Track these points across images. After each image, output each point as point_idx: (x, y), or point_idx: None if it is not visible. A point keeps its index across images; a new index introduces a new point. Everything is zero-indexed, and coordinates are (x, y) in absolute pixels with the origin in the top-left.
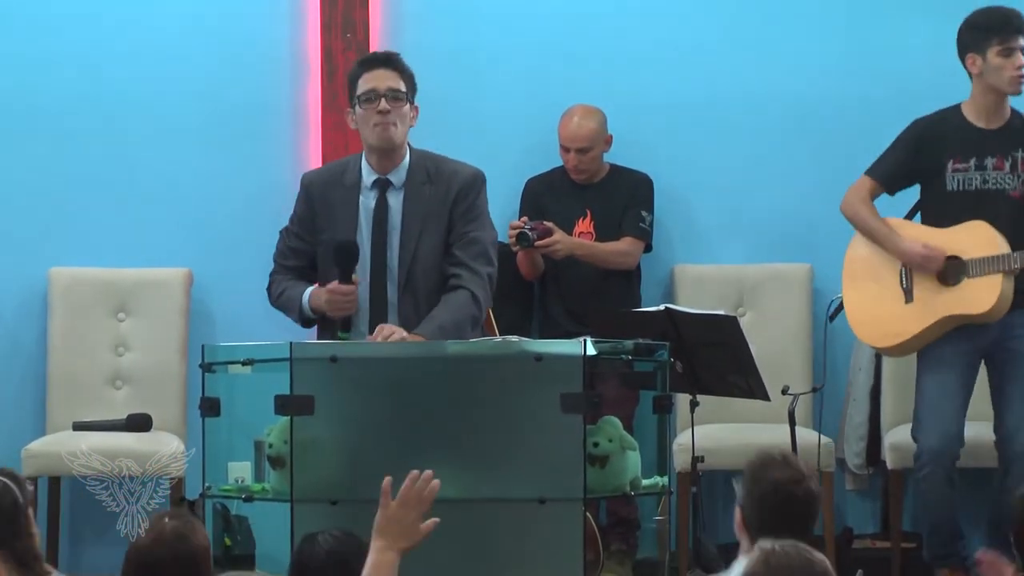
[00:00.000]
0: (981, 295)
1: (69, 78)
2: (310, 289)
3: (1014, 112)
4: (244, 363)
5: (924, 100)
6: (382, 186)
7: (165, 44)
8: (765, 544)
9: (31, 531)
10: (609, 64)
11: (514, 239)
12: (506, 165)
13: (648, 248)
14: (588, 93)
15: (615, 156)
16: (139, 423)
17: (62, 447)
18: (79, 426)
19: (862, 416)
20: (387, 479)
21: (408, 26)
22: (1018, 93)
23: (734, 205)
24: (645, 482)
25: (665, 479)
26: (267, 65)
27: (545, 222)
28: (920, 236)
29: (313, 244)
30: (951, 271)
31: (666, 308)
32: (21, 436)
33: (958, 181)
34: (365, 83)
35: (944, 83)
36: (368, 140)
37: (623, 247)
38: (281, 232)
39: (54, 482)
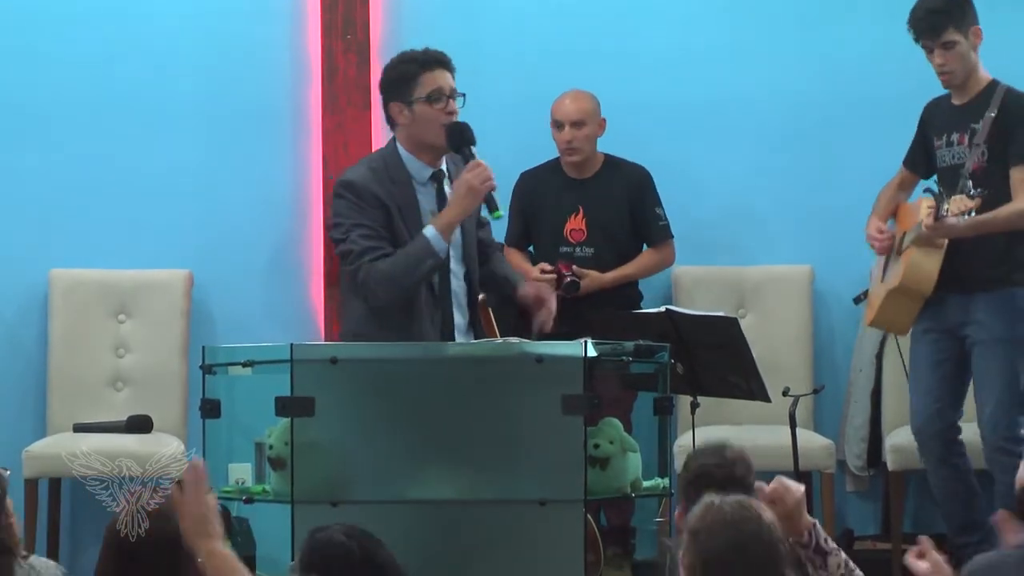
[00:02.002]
0: (900, 269)
1: (70, 79)
2: (428, 226)
3: (990, 84)
4: (244, 364)
5: (923, 101)
6: (439, 179)
7: (166, 45)
8: (709, 497)
9: (9, 520)
10: (609, 65)
11: (562, 291)
12: (506, 165)
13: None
14: None
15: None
16: (140, 424)
17: (62, 448)
18: (79, 427)
19: (863, 417)
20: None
21: (409, 27)
22: (950, 87)
23: (734, 207)
24: (646, 483)
25: (666, 480)
26: (267, 66)
27: (572, 266)
28: (909, 213)
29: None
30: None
31: (667, 310)
32: (21, 437)
33: (939, 158)
34: (430, 82)
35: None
36: (429, 139)
37: (658, 258)
38: (355, 236)
39: (54, 483)
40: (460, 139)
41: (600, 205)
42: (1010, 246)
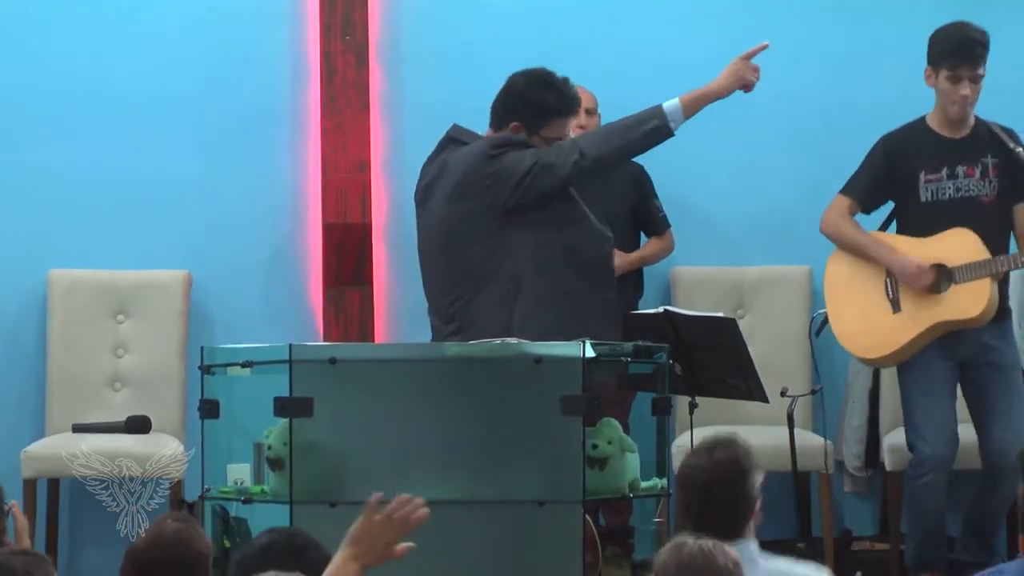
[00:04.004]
0: (970, 300)
1: (69, 80)
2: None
3: (978, 120)
4: (243, 365)
5: (922, 103)
6: None
7: (164, 46)
8: (681, 539)
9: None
10: (608, 65)
11: None
12: None
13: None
14: None
15: None
16: (138, 425)
17: (61, 449)
18: (78, 428)
19: (861, 418)
20: (377, 494)
21: (407, 29)
22: (959, 119)
23: (732, 207)
24: (644, 484)
25: (664, 481)
26: (266, 68)
27: None
28: (904, 246)
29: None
30: (937, 279)
31: (665, 310)
32: (20, 438)
33: (931, 191)
34: (560, 129)
35: None
36: None
37: (664, 245)
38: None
39: (53, 484)
40: None
41: (601, 198)
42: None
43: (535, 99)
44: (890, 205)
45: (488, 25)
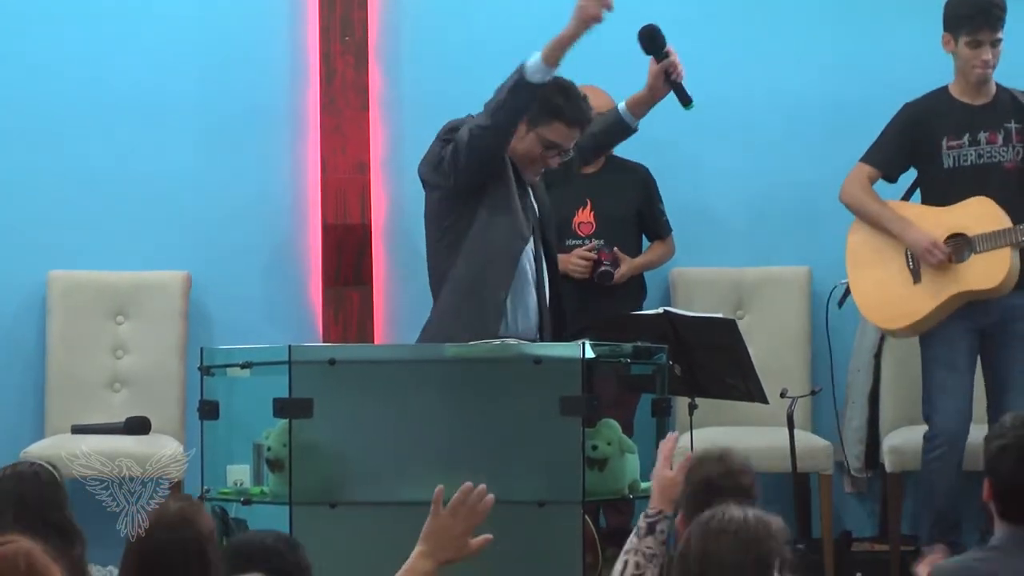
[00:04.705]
0: (991, 270)
1: (68, 81)
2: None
3: (999, 86)
4: (243, 366)
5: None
6: (531, 187)
7: (163, 46)
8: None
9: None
10: (607, 65)
11: (596, 278)
12: None
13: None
14: None
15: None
16: (138, 426)
17: (61, 449)
18: (77, 429)
19: (861, 419)
20: (439, 488)
21: (407, 29)
22: (981, 83)
23: (732, 208)
24: (644, 485)
25: None
26: (265, 68)
27: (613, 250)
28: (924, 216)
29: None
30: (957, 248)
31: (665, 311)
32: (20, 439)
33: (953, 158)
34: (558, 134)
35: (942, 84)
36: (522, 165)
37: (667, 249)
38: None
39: None
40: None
41: (609, 199)
42: None
43: (546, 96)
44: (913, 173)
45: (488, 26)
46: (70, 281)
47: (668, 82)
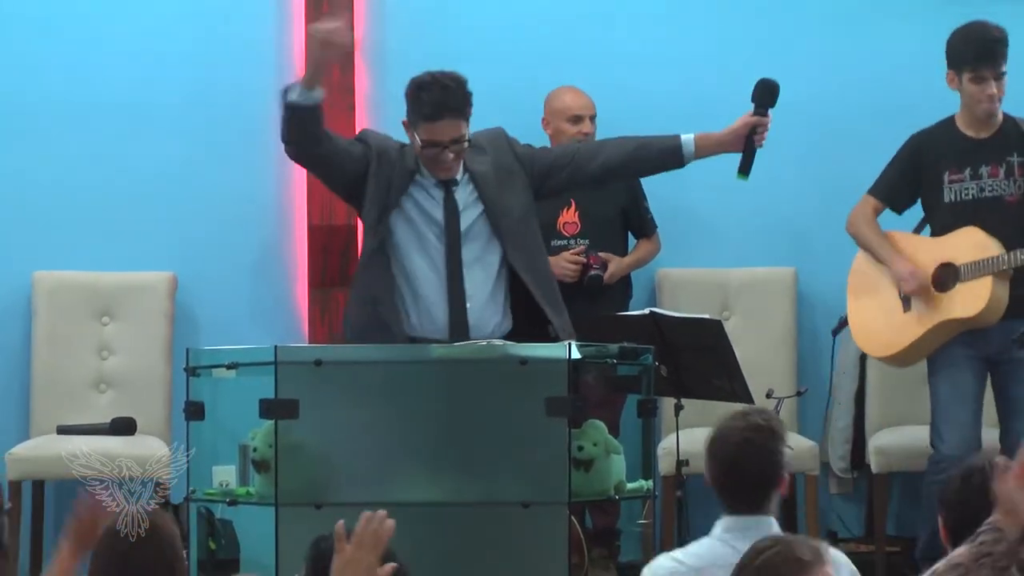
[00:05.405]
0: (973, 298)
1: (53, 80)
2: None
3: (1006, 117)
4: (228, 367)
5: (910, 105)
6: (448, 186)
7: (149, 45)
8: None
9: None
10: (592, 67)
11: (582, 281)
12: None
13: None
14: None
15: None
16: (123, 427)
17: (47, 450)
18: (63, 430)
19: (846, 420)
20: (339, 523)
21: (393, 30)
22: (988, 117)
23: (718, 209)
24: (630, 486)
25: (650, 483)
26: (252, 68)
27: (600, 254)
28: (920, 247)
29: (352, 169)
30: (946, 278)
31: (651, 312)
32: (5, 440)
33: (955, 192)
34: (427, 132)
35: (931, 89)
36: (432, 169)
37: (653, 247)
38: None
39: (38, 486)
40: (763, 98)
41: (593, 199)
42: None
43: (409, 100)
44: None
45: (474, 27)
46: (55, 282)
47: (747, 140)
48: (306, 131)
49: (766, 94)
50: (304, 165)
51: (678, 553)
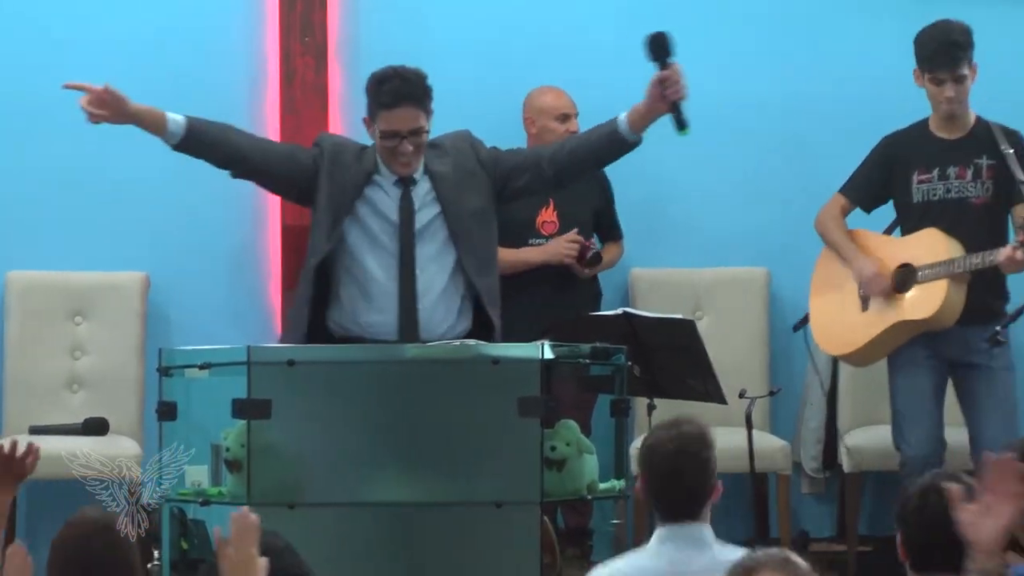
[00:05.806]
0: (928, 300)
1: (24, 80)
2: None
3: (978, 120)
4: (201, 367)
5: (883, 107)
6: (406, 183)
7: (121, 47)
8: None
9: None
10: (568, 66)
11: (585, 263)
12: None
13: None
14: None
15: None
16: (96, 427)
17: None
18: (35, 430)
19: (818, 420)
20: (216, 528)
21: (366, 30)
22: (949, 118)
23: (691, 209)
24: (602, 486)
25: (622, 483)
26: (226, 68)
27: (591, 242)
28: (882, 246)
29: (291, 177)
30: (904, 279)
31: (624, 312)
32: None
33: (923, 192)
34: (385, 121)
35: (905, 91)
36: (391, 167)
37: (620, 250)
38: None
39: None
40: (655, 52)
41: (570, 199)
42: (1003, 280)
43: (368, 93)
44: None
45: (448, 28)
46: (28, 282)
47: (665, 100)
48: (213, 158)
49: (657, 48)
50: (248, 180)
51: (618, 563)
